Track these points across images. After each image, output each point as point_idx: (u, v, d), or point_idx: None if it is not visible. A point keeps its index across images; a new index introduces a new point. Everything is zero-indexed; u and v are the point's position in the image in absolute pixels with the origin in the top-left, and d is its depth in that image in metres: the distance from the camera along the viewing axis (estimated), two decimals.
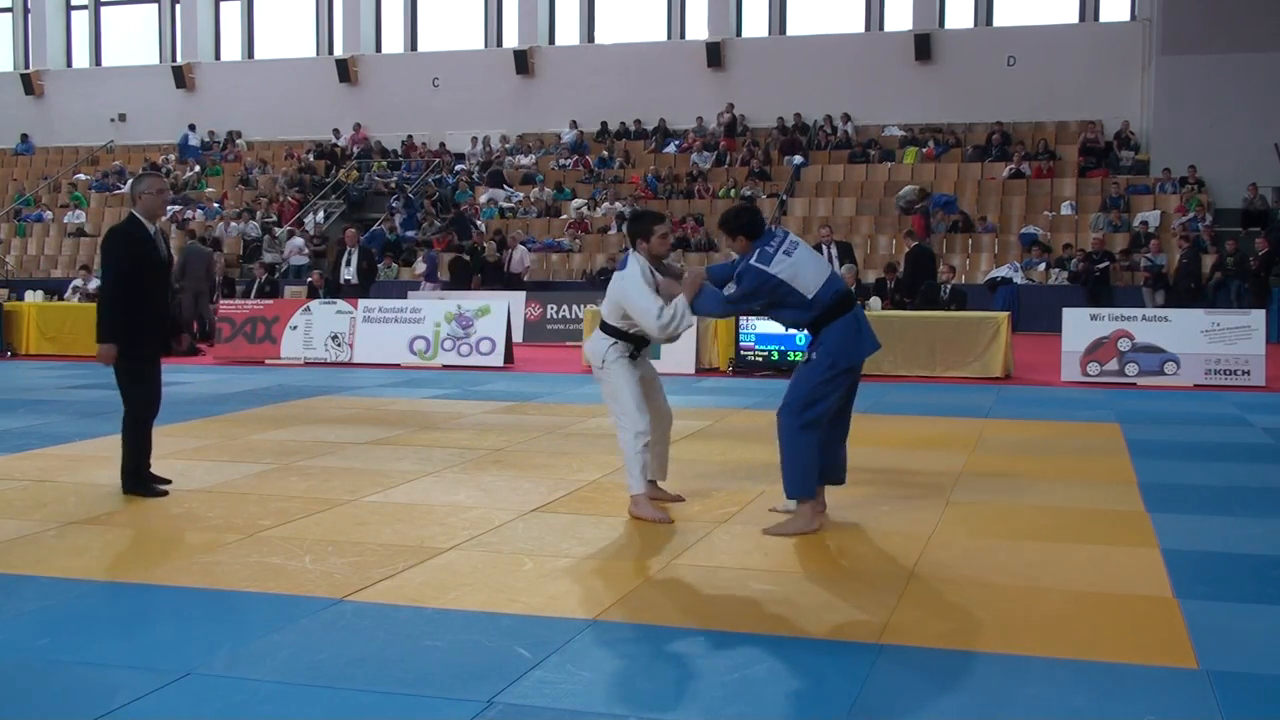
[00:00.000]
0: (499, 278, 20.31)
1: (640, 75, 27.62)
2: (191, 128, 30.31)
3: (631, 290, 5.91)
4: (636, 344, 6.11)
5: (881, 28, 27.02)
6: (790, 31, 27.63)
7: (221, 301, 16.85)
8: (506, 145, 28.40)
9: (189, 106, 30.95)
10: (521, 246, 21.67)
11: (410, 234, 24.97)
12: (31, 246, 27.06)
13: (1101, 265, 20.37)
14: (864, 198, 24.31)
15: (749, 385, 12.37)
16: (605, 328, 6.12)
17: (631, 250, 6.12)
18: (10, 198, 29.48)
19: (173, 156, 29.94)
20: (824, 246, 14.79)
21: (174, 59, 31.30)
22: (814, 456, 5.72)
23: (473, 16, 29.63)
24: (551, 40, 28.97)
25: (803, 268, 5.69)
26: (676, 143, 27.21)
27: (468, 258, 20.91)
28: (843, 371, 5.72)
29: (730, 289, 5.78)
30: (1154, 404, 10.87)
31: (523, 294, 19.17)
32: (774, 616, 4.45)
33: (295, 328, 15.04)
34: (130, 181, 6.43)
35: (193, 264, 17.31)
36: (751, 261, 5.67)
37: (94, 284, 17.86)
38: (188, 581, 4.93)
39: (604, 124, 27.95)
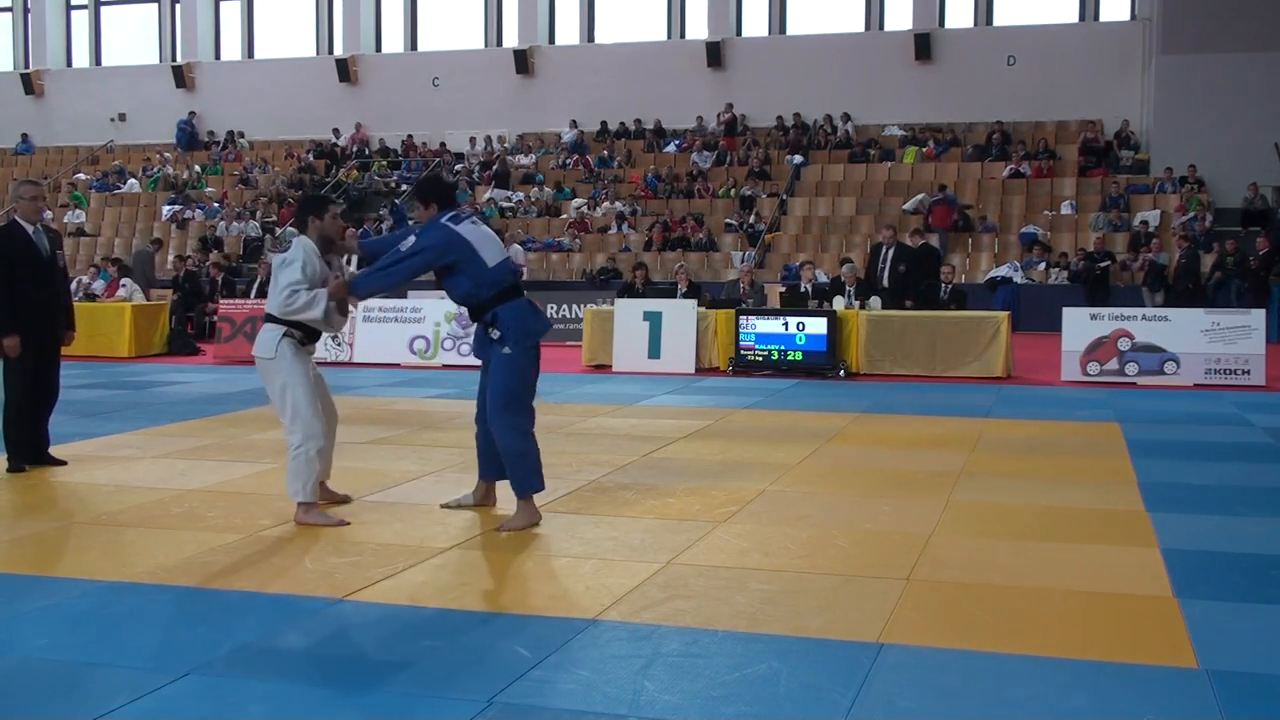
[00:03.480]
0: None
1: (640, 75, 27.61)
2: (192, 113, 30.46)
3: (282, 269, 5.84)
4: (308, 334, 5.99)
5: (881, 27, 27.01)
6: (790, 31, 27.63)
7: (221, 301, 16.85)
8: (506, 145, 28.40)
9: (189, 106, 30.96)
10: (516, 246, 21.67)
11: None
12: None
13: (1102, 264, 20.37)
14: (864, 197, 24.31)
15: (749, 385, 12.37)
16: (272, 319, 5.93)
17: (300, 235, 6.02)
18: (10, 197, 29.47)
19: (170, 155, 29.93)
20: (884, 249, 14.77)
21: (174, 59, 31.29)
22: (536, 447, 5.90)
23: (473, 16, 29.63)
24: (551, 40, 28.96)
25: (486, 241, 5.85)
26: (676, 142, 27.21)
27: None
28: (532, 348, 5.96)
29: (407, 243, 5.79)
30: (1154, 404, 10.87)
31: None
32: (774, 616, 4.45)
33: None
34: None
35: (136, 264, 18.95)
36: (441, 220, 5.79)
37: (99, 284, 17.86)
38: (187, 581, 4.93)
39: (604, 124, 27.95)
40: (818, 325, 13.10)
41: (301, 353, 5.96)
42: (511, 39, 29.17)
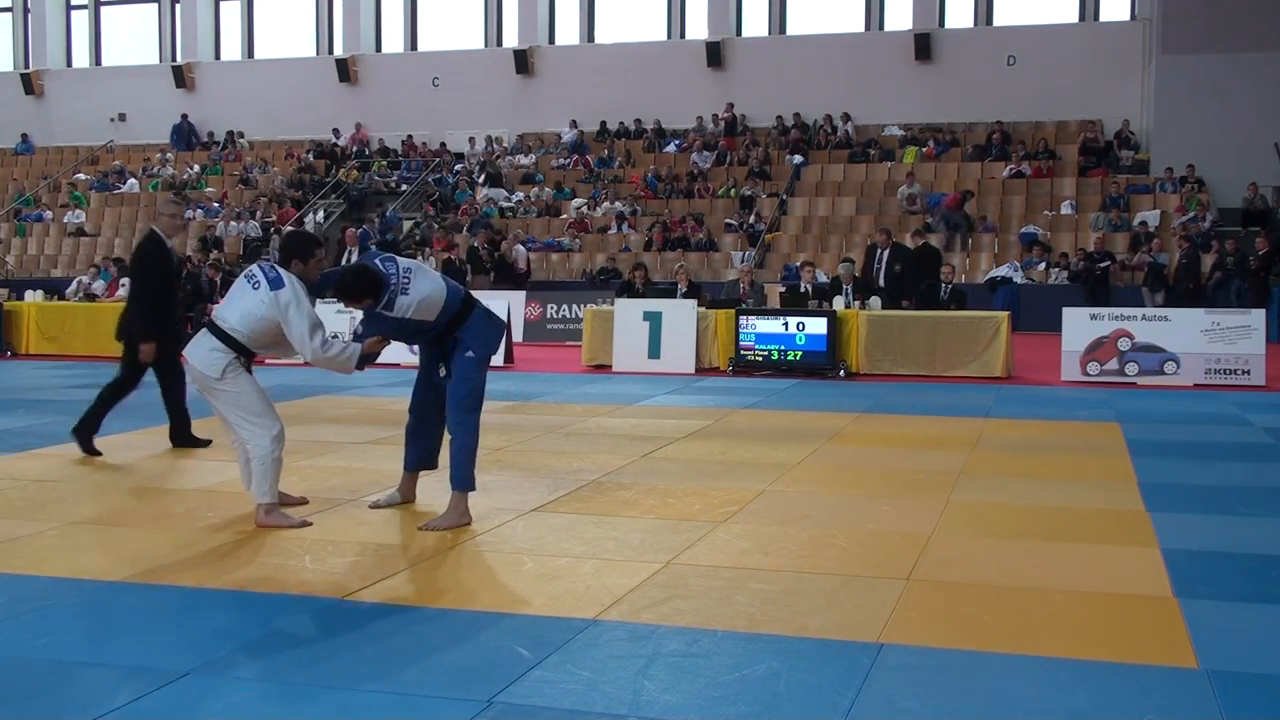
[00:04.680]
0: (511, 276, 20.37)
1: (640, 75, 27.62)
2: (184, 115, 30.52)
3: (296, 310, 5.69)
4: (249, 357, 5.86)
5: (881, 27, 27.02)
6: (790, 31, 27.64)
7: (220, 301, 16.84)
8: (505, 145, 28.40)
9: (189, 106, 30.97)
10: (520, 246, 21.67)
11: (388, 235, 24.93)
12: (31, 246, 27.08)
13: (1102, 265, 20.37)
14: (864, 197, 24.32)
15: (749, 385, 12.37)
16: (224, 336, 5.77)
17: (283, 269, 5.83)
18: (10, 198, 29.48)
19: (171, 156, 29.95)
20: (879, 250, 14.82)
21: (174, 59, 31.30)
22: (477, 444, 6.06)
23: (473, 16, 29.63)
24: (551, 40, 28.97)
25: (423, 297, 5.77)
26: (676, 142, 27.21)
27: (462, 259, 20.93)
28: (489, 358, 6.09)
29: (358, 329, 6.00)
30: (1154, 404, 10.87)
31: (523, 294, 19.17)
32: (774, 616, 4.45)
33: None
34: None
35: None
36: (378, 310, 5.75)
37: (99, 284, 17.85)
38: (188, 581, 4.93)
39: (604, 124, 27.95)
40: (818, 325, 13.10)
41: (243, 369, 5.83)
42: (511, 39, 29.17)
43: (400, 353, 14.48)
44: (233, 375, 5.78)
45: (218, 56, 31.51)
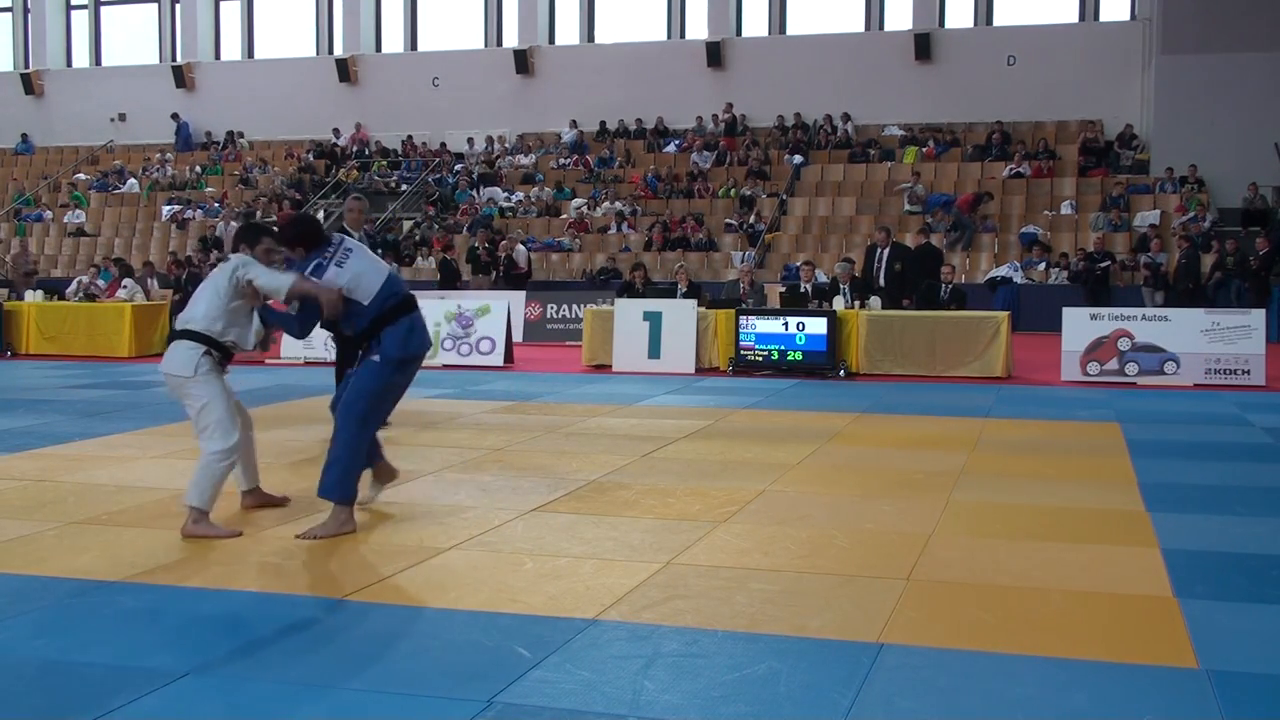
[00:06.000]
0: (511, 276, 20.39)
1: (640, 75, 27.61)
2: (174, 117, 30.55)
3: (245, 264, 5.69)
4: (226, 354, 5.80)
5: (881, 27, 27.01)
6: (790, 31, 27.63)
7: None
8: (505, 145, 28.39)
9: (189, 106, 30.95)
10: (520, 246, 21.67)
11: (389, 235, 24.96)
12: (31, 246, 27.06)
13: (1102, 265, 20.37)
14: (864, 197, 24.31)
15: (749, 385, 12.37)
16: (194, 335, 5.73)
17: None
18: (10, 198, 29.48)
19: (171, 155, 29.94)
20: (878, 249, 14.82)
21: (174, 59, 31.29)
22: (364, 458, 5.83)
23: (473, 16, 29.63)
24: (551, 40, 28.96)
25: (356, 274, 5.67)
26: (676, 142, 27.21)
27: (453, 259, 20.96)
28: (407, 361, 5.79)
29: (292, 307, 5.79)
30: (1154, 404, 10.87)
31: (523, 294, 19.17)
32: (774, 616, 4.45)
33: None
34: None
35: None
36: (305, 272, 5.65)
37: (100, 283, 17.82)
38: (188, 581, 4.93)
39: (603, 124, 27.95)
40: (818, 325, 13.10)
41: (216, 369, 5.78)
42: (511, 39, 29.16)
43: None
44: (204, 375, 5.70)
45: (218, 56, 31.50)
